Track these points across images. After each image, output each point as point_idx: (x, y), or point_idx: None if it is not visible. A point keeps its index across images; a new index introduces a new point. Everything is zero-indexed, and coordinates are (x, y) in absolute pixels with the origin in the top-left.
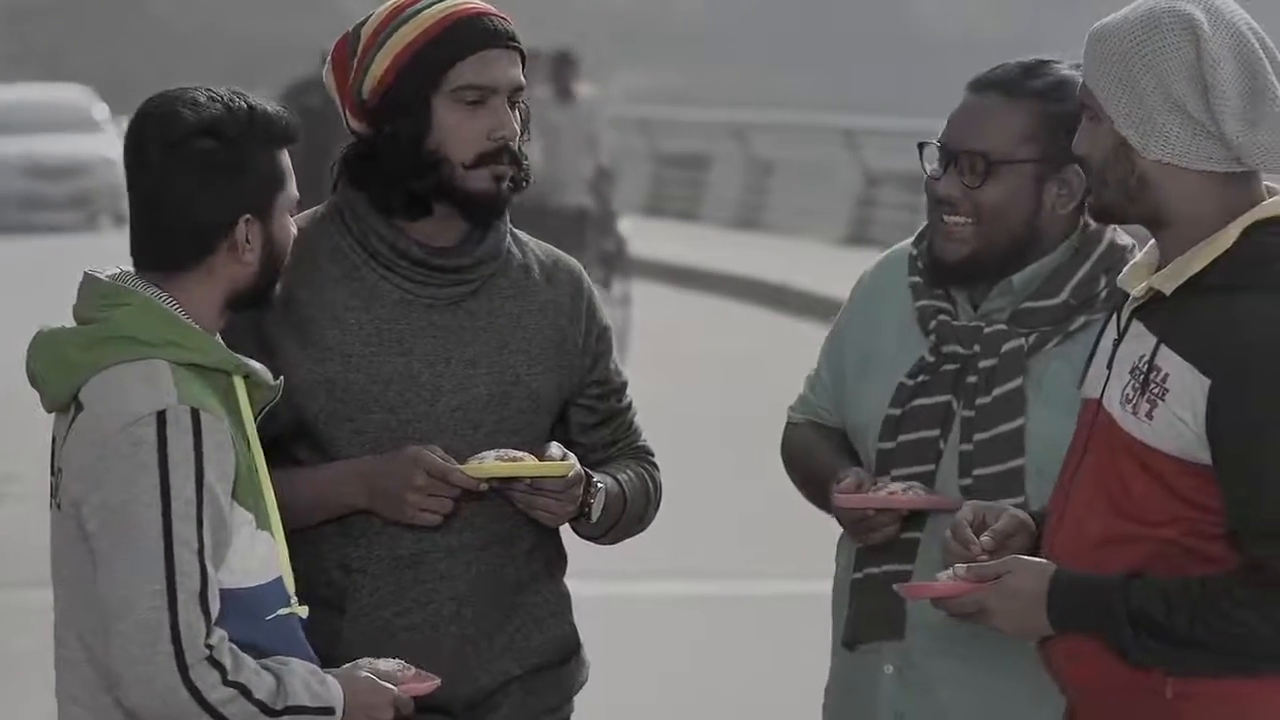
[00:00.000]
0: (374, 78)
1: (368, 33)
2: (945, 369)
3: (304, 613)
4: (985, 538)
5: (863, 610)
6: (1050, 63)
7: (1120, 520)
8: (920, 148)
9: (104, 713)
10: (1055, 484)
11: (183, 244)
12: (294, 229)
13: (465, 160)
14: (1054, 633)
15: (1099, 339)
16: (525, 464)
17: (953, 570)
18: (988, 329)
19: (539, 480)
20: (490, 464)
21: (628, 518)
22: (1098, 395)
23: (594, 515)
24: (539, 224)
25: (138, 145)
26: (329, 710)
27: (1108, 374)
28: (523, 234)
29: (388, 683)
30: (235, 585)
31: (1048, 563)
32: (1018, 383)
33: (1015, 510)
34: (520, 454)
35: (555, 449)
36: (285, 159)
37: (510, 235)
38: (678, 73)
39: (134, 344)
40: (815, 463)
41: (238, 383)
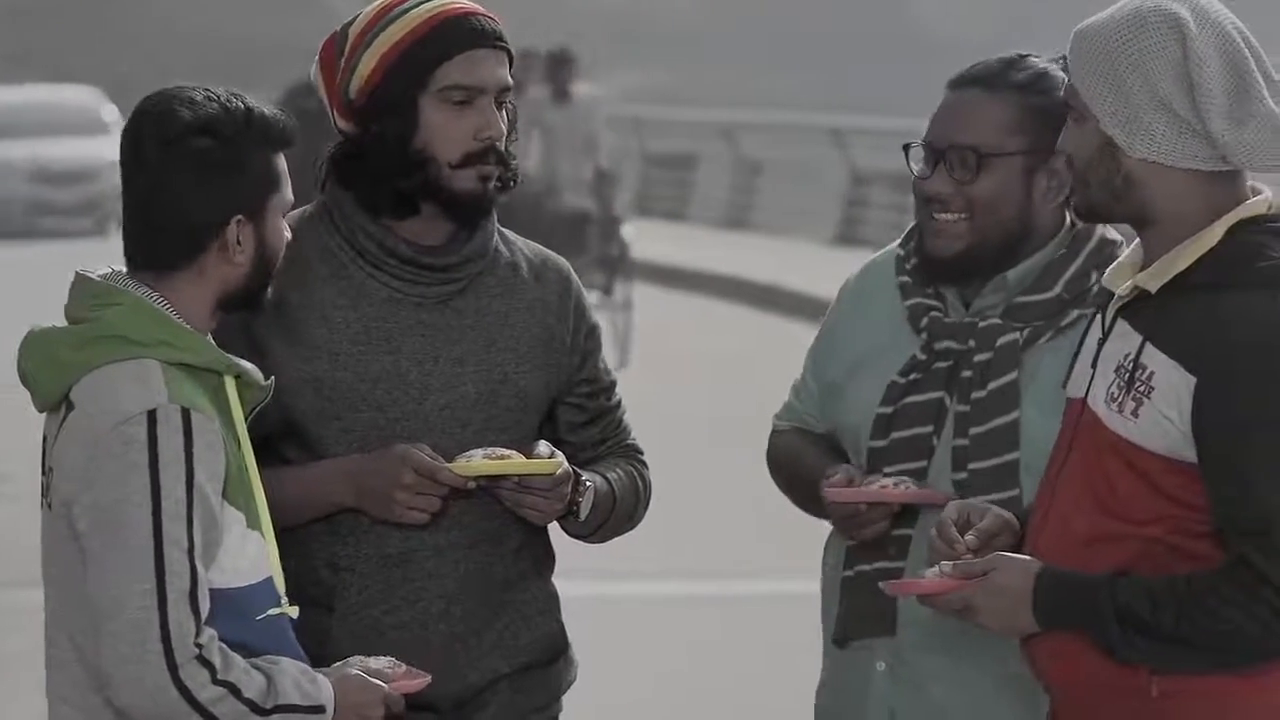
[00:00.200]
0: (361, 77)
1: (355, 32)
2: (937, 366)
3: (294, 613)
4: (970, 536)
5: (854, 607)
6: (1028, 56)
7: (1106, 519)
8: (906, 149)
9: (94, 712)
10: (1040, 483)
11: (174, 243)
12: (287, 233)
13: (452, 160)
14: (1039, 630)
15: (1083, 338)
16: (513, 462)
17: (939, 567)
18: (982, 324)
19: (527, 478)
20: (478, 462)
21: (617, 516)
22: (1082, 394)
23: (582, 514)
24: (537, 227)
25: (134, 143)
26: (319, 709)
27: (1092, 373)
28: (510, 233)
29: (378, 680)
30: (226, 585)
31: (1033, 560)
32: (1013, 376)
33: (999, 510)
34: (508, 452)
35: (543, 447)
36: (281, 162)
37: (498, 234)
38: (665, 73)
39: (125, 343)
40: (803, 465)
41: (229, 383)
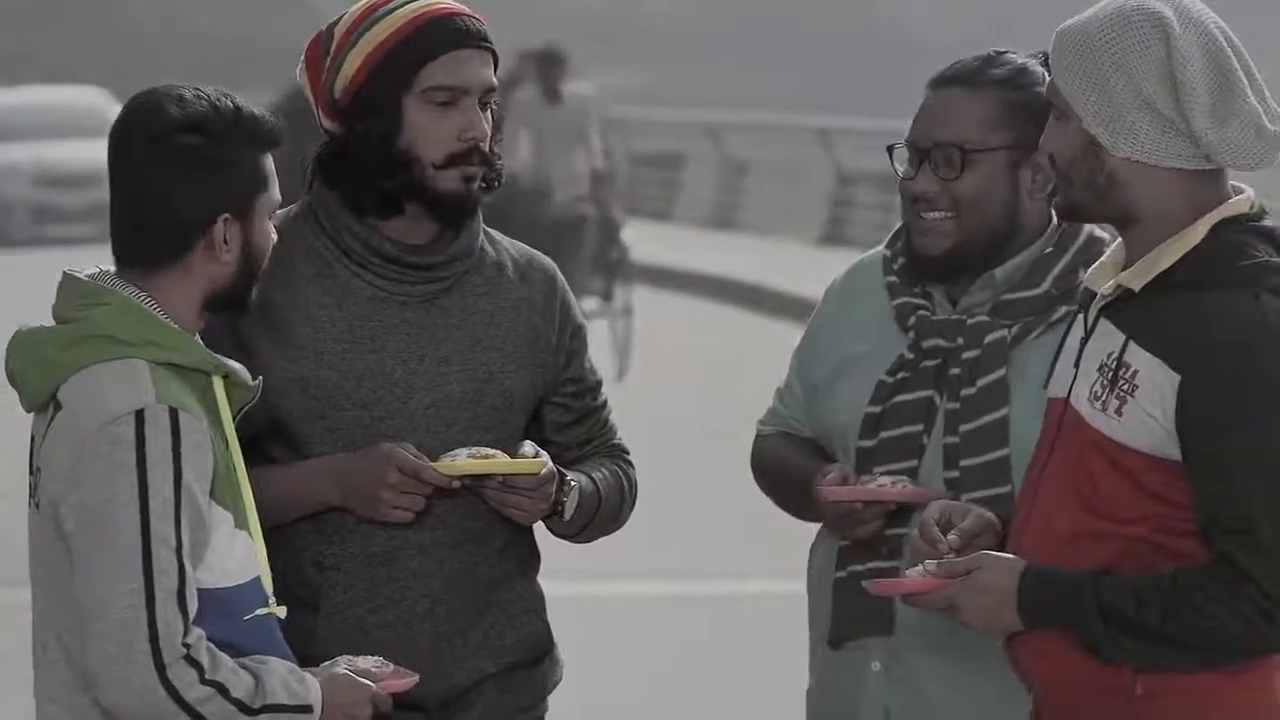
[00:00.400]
0: (345, 77)
1: (340, 31)
2: (925, 365)
3: (282, 613)
4: (952, 536)
5: (849, 608)
6: (1005, 53)
7: (1090, 517)
8: (890, 150)
9: (82, 712)
10: (1022, 483)
11: (161, 239)
12: (274, 235)
13: (435, 160)
14: (1024, 628)
15: (1064, 338)
16: (497, 461)
17: (923, 566)
18: (970, 321)
19: (511, 478)
20: (462, 461)
21: (602, 516)
22: (1064, 394)
23: (567, 513)
24: (531, 232)
25: (122, 139)
26: (307, 708)
27: (1075, 372)
28: (496, 233)
29: (366, 680)
30: (213, 585)
31: (1017, 559)
32: (1001, 373)
33: (981, 510)
34: (493, 452)
35: (528, 447)
36: (269, 162)
37: (484, 233)
38: (649, 72)
39: (112, 343)
40: (790, 466)
41: (216, 382)
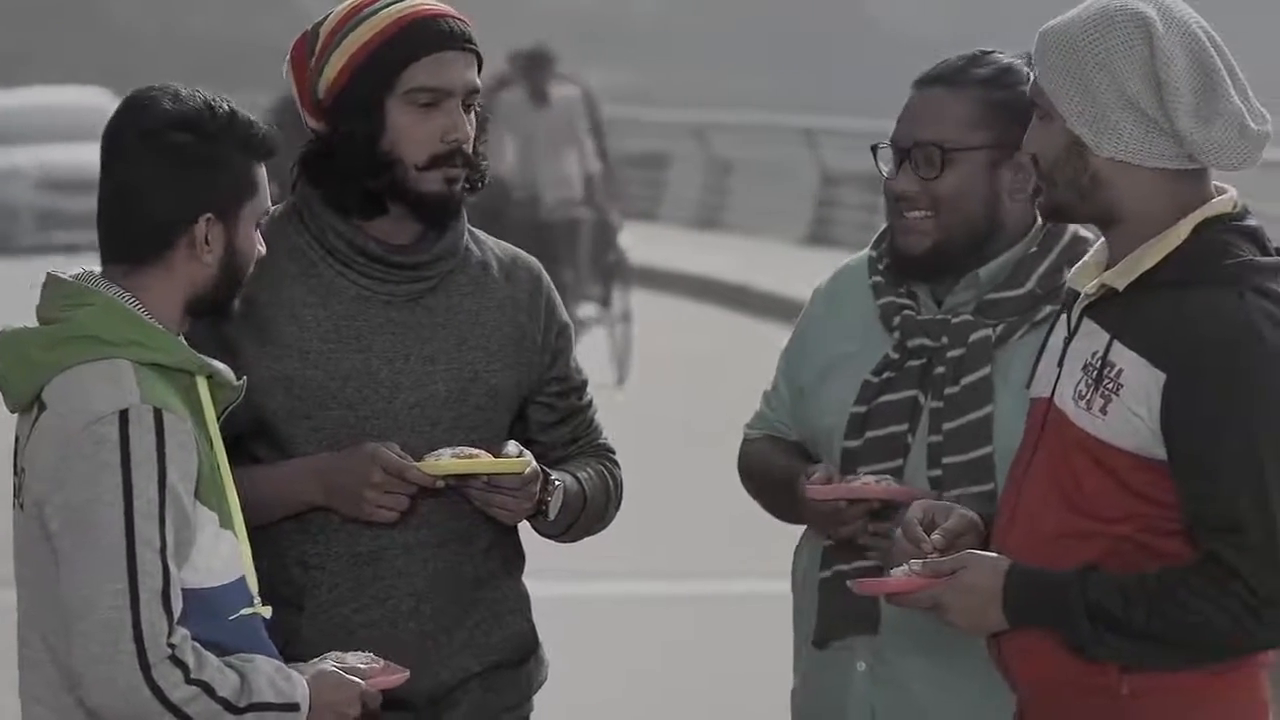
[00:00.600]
0: (329, 77)
1: (325, 31)
2: (910, 364)
3: (267, 613)
4: (936, 536)
5: (834, 608)
6: (992, 53)
7: (1074, 516)
8: (874, 150)
9: (67, 712)
10: (1005, 483)
11: (143, 235)
12: (261, 245)
13: (418, 162)
14: (1009, 628)
15: (1046, 338)
16: (481, 461)
17: (907, 566)
18: (955, 320)
19: (496, 477)
20: (446, 461)
21: (587, 515)
22: (1048, 394)
23: (551, 513)
24: (523, 238)
25: (114, 133)
26: (294, 706)
27: (1058, 372)
28: (480, 232)
29: (355, 677)
30: (199, 585)
31: (1002, 558)
32: (985, 371)
33: (964, 510)
34: (477, 451)
35: (512, 447)
36: (260, 171)
37: (468, 233)
38: (634, 72)
39: (97, 344)
40: (776, 468)
41: (200, 382)
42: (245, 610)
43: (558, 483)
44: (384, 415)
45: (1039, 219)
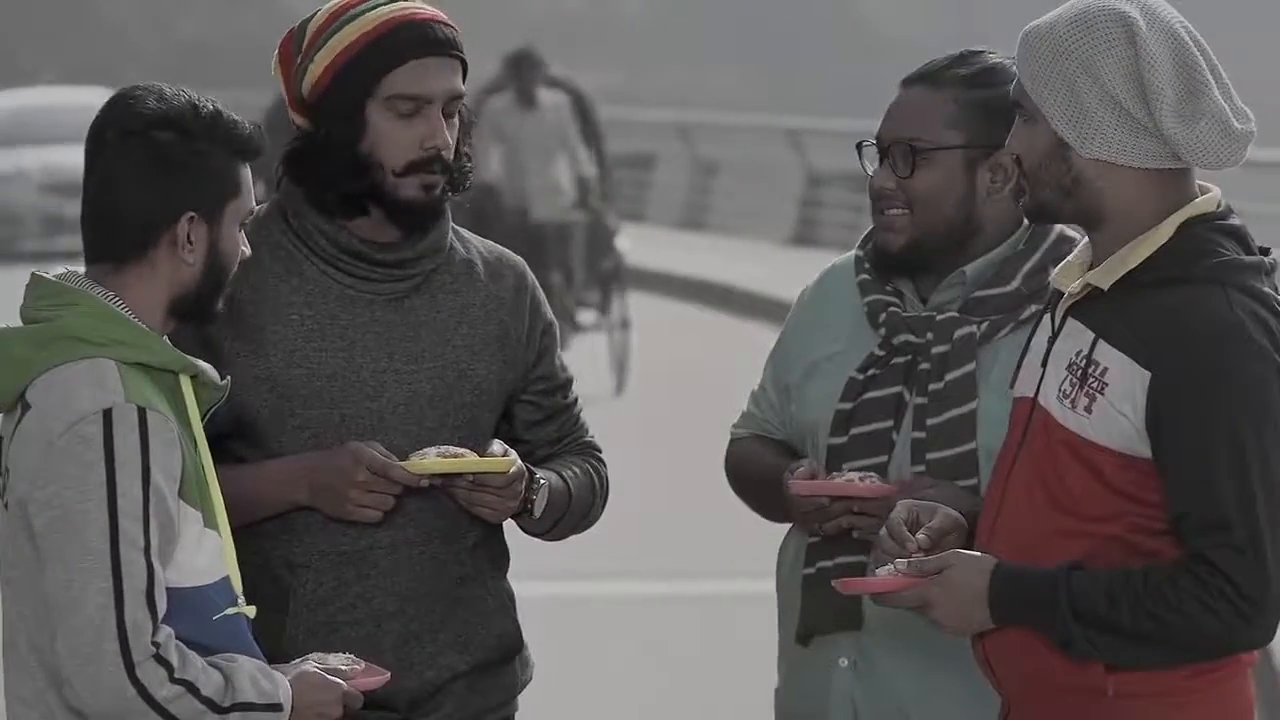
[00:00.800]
0: (313, 77)
1: (312, 29)
2: (895, 361)
3: (251, 613)
4: (921, 535)
5: (817, 604)
6: (980, 52)
7: (1060, 515)
8: (859, 148)
9: (52, 712)
10: (990, 482)
11: (126, 233)
12: (246, 247)
13: (396, 168)
14: (994, 627)
15: (1030, 338)
16: (466, 460)
17: (892, 565)
18: (940, 317)
19: (481, 476)
20: (431, 460)
21: (573, 513)
22: (1032, 394)
23: (537, 511)
24: (514, 245)
25: (97, 131)
26: (276, 707)
27: (1042, 371)
28: (465, 231)
29: (337, 678)
30: (183, 584)
31: (988, 557)
32: (970, 367)
33: (948, 509)
34: (462, 451)
35: (497, 446)
36: (245, 172)
37: (453, 232)
38: (621, 73)
39: (81, 344)
40: (763, 466)
41: (185, 382)
42: (229, 610)
43: (543, 481)
44: (369, 414)
45: (1021, 218)
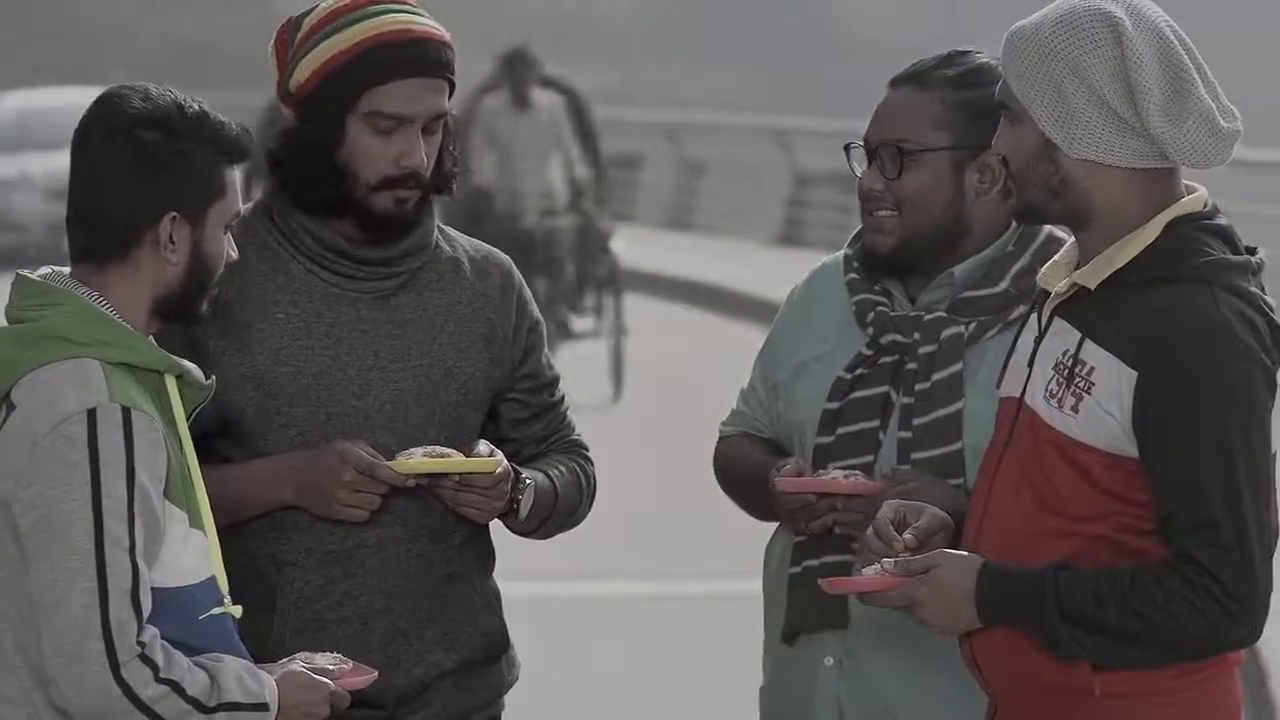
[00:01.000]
0: (300, 77)
1: (307, 26)
2: (883, 361)
3: (237, 612)
4: (908, 535)
5: (803, 603)
6: (968, 53)
7: (1046, 515)
8: (847, 150)
9: (38, 712)
10: (976, 482)
11: (109, 233)
12: (233, 250)
13: (370, 181)
14: (982, 626)
15: (1016, 338)
16: (452, 460)
17: (879, 565)
18: (928, 317)
19: (467, 477)
20: (418, 460)
21: (559, 512)
22: (1018, 393)
23: (523, 512)
24: (506, 245)
25: (83, 130)
26: (263, 707)
27: (1029, 371)
28: (451, 230)
29: (324, 678)
30: (168, 584)
31: (975, 556)
32: (957, 368)
33: (935, 509)
34: (448, 451)
35: (483, 446)
36: (230, 173)
37: (439, 230)
38: (608, 73)
39: (65, 344)
40: (750, 464)
41: (170, 382)
42: (215, 610)
43: (529, 481)
44: (355, 412)
45: (1010, 219)
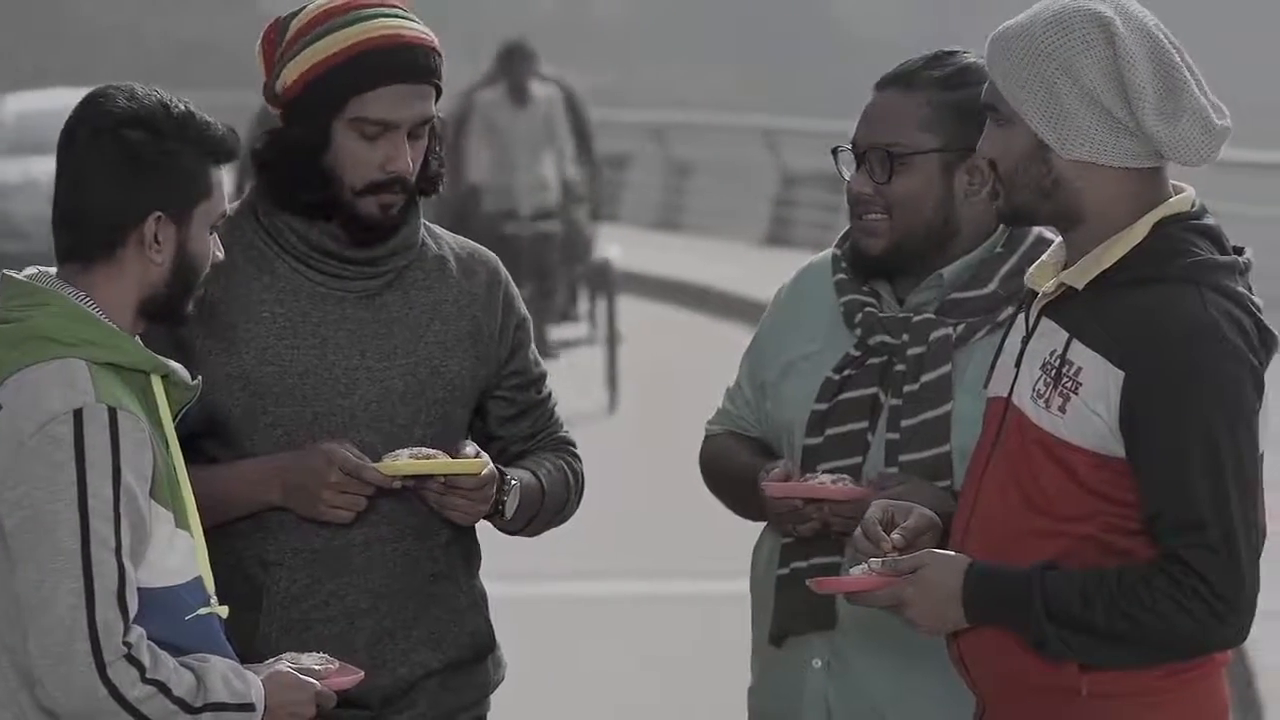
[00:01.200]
0: (286, 80)
1: (295, 28)
2: (871, 362)
3: (224, 612)
4: (896, 535)
5: (791, 604)
6: (954, 53)
7: (1034, 515)
8: (834, 153)
9: (24, 712)
10: (964, 482)
11: (93, 231)
12: (220, 251)
13: (355, 186)
14: (969, 626)
15: (1004, 339)
16: (438, 461)
17: (867, 564)
18: (916, 318)
19: (453, 478)
20: (404, 461)
21: (546, 510)
22: (1006, 394)
23: (508, 512)
24: (497, 244)
25: (69, 129)
26: (249, 707)
27: (1016, 371)
28: (437, 228)
29: (310, 678)
30: (154, 584)
31: (962, 556)
32: (946, 369)
33: (923, 509)
34: (434, 452)
35: (469, 447)
36: (216, 174)
37: (424, 228)
38: (596, 74)
39: (51, 344)
40: (736, 464)
41: (156, 382)
42: (201, 610)
43: (514, 482)
44: (341, 411)
45: (999, 221)
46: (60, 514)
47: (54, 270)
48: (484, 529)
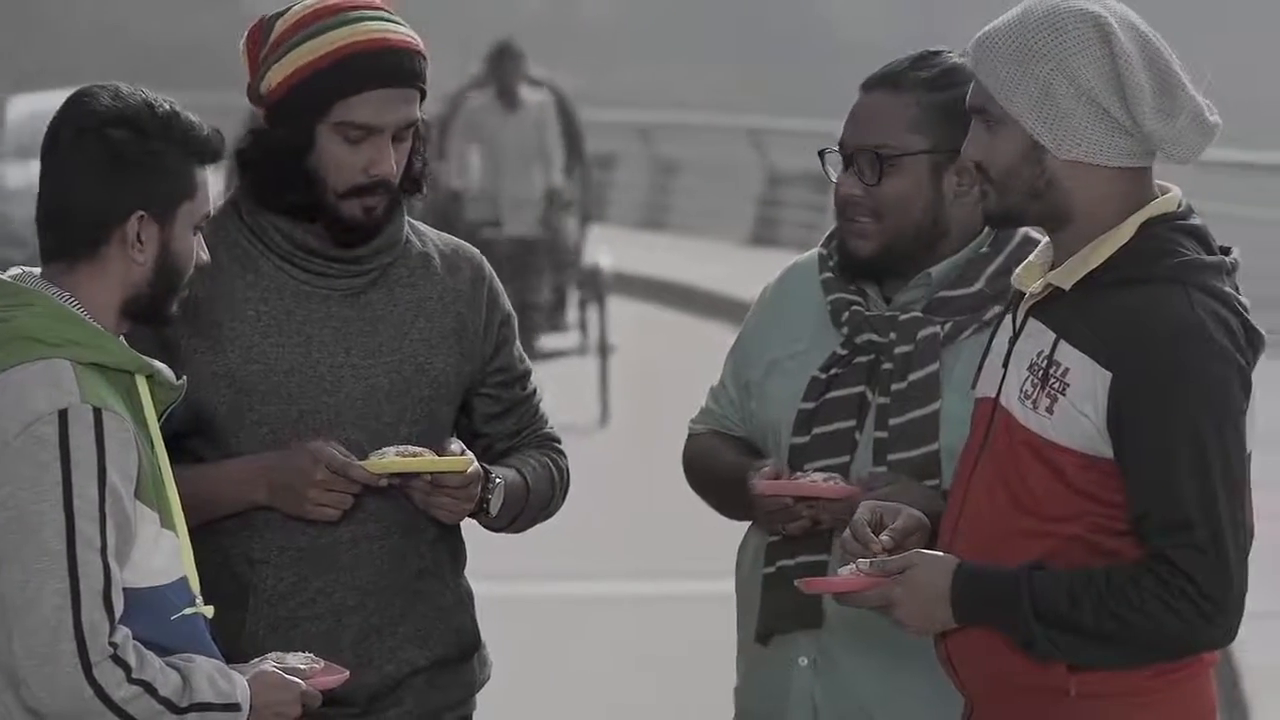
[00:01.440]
0: (270, 83)
1: (279, 30)
2: (858, 360)
3: (209, 612)
4: (884, 536)
5: (777, 603)
6: (940, 53)
7: (1022, 516)
8: (821, 155)
9: (9, 712)
10: (952, 483)
11: (77, 231)
12: (204, 252)
13: (338, 189)
14: (957, 626)
15: (991, 339)
16: (424, 459)
17: (855, 565)
18: (903, 317)
19: (439, 476)
20: (390, 460)
21: (531, 507)
22: (994, 394)
23: (493, 510)
24: (488, 249)
25: (54, 129)
26: (234, 707)
27: (1004, 372)
28: (421, 225)
29: (296, 677)
30: (140, 584)
31: (950, 556)
32: (934, 368)
33: (912, 510)
34: (420, 450)
35: (455, 445)
36: (201, 174)
37: (408, 225)
38: (582, 73)
39: (36, 344)
40: (721, 463)
41: (140, 382)
42: (187, 610)
43: (499, 480)
44: (326, 409)
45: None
46: (45, 514)
47: (38, 271)
48: (471, 528)
